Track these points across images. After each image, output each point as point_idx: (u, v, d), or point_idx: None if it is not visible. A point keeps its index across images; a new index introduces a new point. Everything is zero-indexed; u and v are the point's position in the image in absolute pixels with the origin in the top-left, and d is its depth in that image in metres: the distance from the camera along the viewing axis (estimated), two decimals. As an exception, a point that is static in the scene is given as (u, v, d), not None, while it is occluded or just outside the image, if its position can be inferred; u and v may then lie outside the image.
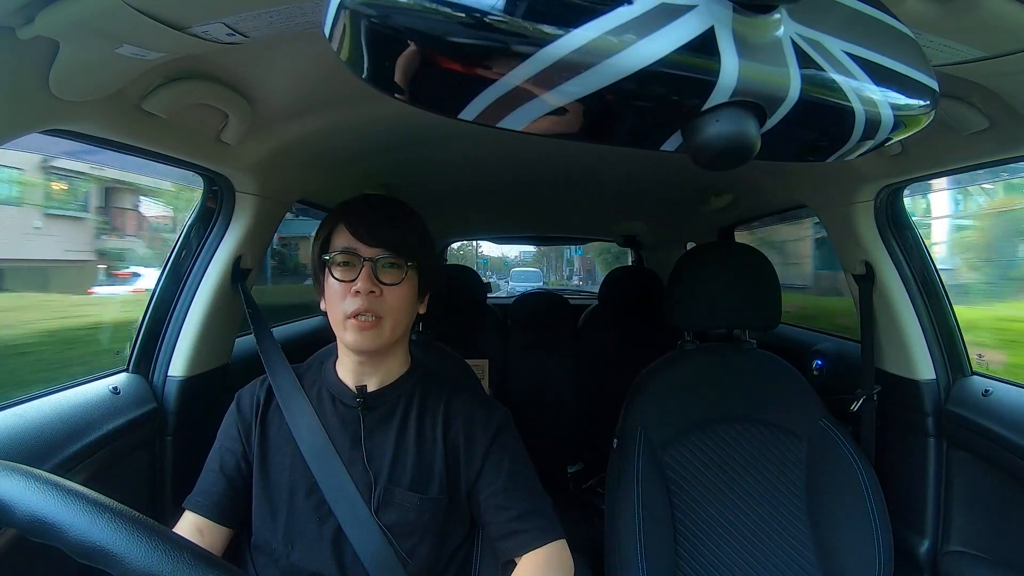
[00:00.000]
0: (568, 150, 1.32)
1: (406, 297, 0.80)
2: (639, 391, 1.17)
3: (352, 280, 0.77)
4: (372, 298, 0.77)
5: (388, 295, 0.78)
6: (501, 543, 0.81)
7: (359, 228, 0.78)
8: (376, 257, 0.78)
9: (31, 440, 0.78)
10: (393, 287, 0.78)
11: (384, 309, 0.78)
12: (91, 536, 0.38)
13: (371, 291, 0.76)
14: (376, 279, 0.77)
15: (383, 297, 0.78)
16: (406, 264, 0.79)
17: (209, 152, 0.95)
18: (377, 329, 0.78)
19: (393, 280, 0.78)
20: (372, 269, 0.77)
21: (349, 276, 0.78)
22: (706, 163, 0.38)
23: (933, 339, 1.13)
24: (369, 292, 0.76)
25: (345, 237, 0.79)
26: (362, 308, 0.76)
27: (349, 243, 0.78)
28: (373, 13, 0.31)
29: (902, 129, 0.42)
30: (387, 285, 0.78)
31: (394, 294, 0.78)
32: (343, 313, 0.77)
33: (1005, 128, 0.80)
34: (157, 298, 1.10)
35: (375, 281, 0.77)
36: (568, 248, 13.89)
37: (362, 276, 0.76)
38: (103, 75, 0.65)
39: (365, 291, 0.76)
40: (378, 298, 0.77)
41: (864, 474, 1.05)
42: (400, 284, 0.78)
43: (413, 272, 0.80)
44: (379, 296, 0.77)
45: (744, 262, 1.22)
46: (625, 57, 0.32)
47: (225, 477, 0.83)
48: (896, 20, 0.43)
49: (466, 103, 0.35)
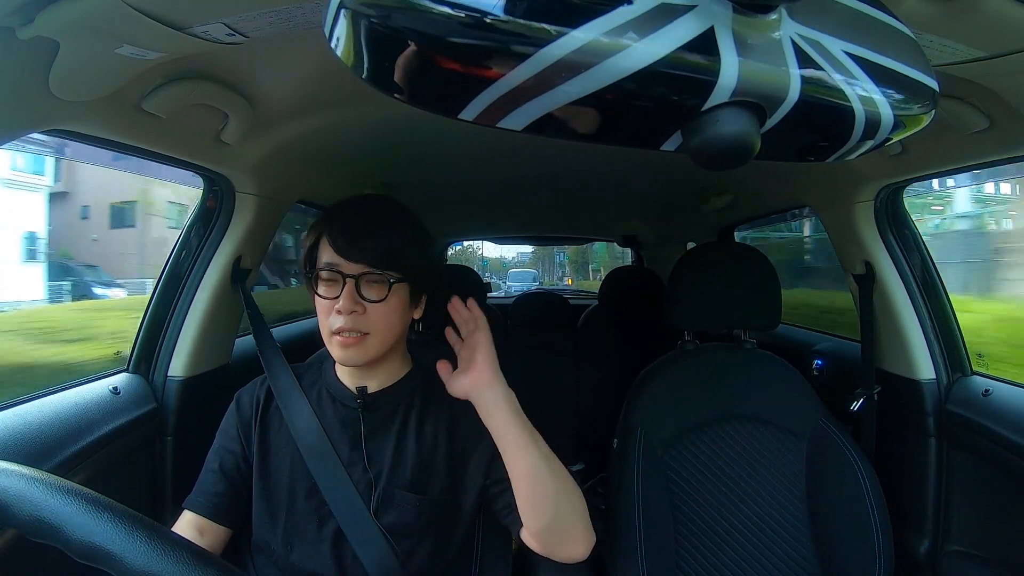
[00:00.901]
0: (568, 150, 1.32)
1: (393, 310, 0.78)
2: (639, 391, 1.17)
3: (335, 297, 0.75)
4: (355, 316, 0.75)
5: (372, 312, 0.76)
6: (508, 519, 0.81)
7: (340, 242, 0.75)
8: (359, 274, 0.75)
9: (31, 440, 0.78)
10: (378, 304, 0.76)
11: (369, 326, 0.76)
12: (92, 536, 0.38)
13: (353, 310, 0.74)
14: (360, 296, 0.75)
15: (367, 315, 0.75)
16: (391, 279, 0.76)
17: (209, 152, 0.95)
18: (362, 346, 0.76)
19: (377, 297, 0.76)
20: (355, 286, 0.75)
21: (332, 293, 0.76)
22: (706, 163, 0.38)
23: (933, 339, 1.13)
24: (351, 311, 0.74)
25: (328, 252, 0.76)
26: (345, 327, 0.74)
27: (332, 259, 0.76)
28: (373, 13, 0.31)
29: (902, 129, 0.42)
30: (371, 302, 0.76)
31: (379, 311, 0.76)
32: (328, 329, 0.77)
33: (1005, 128, 0.80)
34: (157, 298, 1.10)
35: (358, 299, 0.75)
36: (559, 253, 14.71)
37: (344, 294, 0.74)
38: (103, 75, 0.65)
39: (347, 311, 0.74)
40: (362, 316, 0.75)
41: (864, 474, 1.05)
42: (386, 299, 0.76)
43: (400, 284, 0.78)
44: (363, 314, 0.75)
45: (744, 262, 1.22)
46: (625, 57, 0.32)
47: (225, 477, 0.83)
48: (896, 20, 0.43)
49: (466, 103, 0.35)
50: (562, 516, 0.76)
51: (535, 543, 0.78)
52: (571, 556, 0.77)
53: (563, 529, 0.76)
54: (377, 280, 0.76)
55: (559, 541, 0.77)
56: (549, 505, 0.75)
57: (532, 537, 0.78)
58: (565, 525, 0.76)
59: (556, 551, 0.77)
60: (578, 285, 12.28)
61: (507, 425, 0.75)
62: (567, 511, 0.76)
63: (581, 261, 16.16)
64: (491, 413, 0.76)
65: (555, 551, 0.78)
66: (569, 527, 0.77)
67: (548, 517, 0.75)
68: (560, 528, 0.76)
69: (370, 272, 0.76)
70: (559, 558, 0.78)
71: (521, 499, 0.76)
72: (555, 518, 0.76)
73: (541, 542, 0.77)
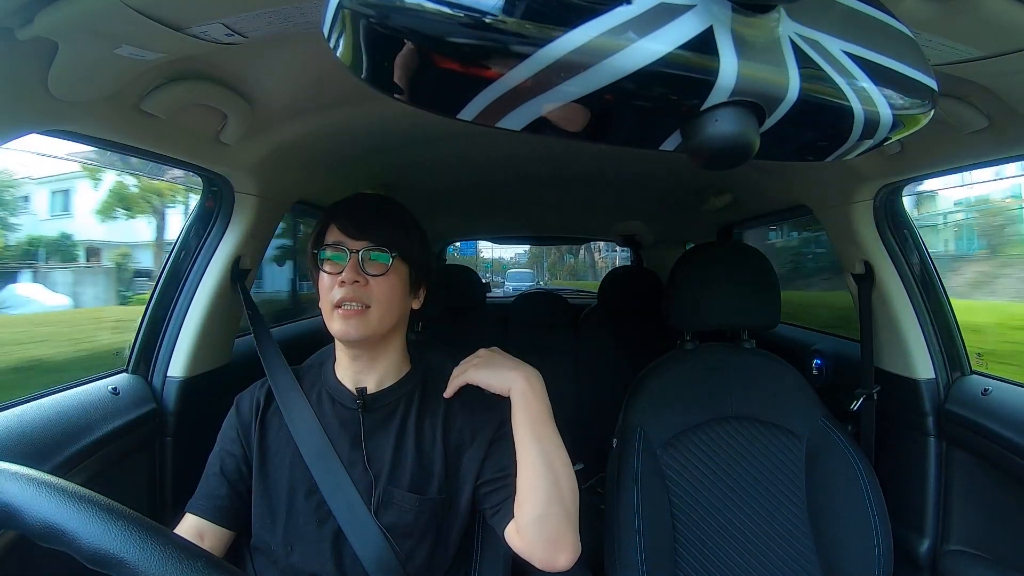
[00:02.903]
0: (568, 150, 1.32)
1: (394, 287, 0.81)
2: (638, 391, 1.17)
3: (339, 273, 0.79)
4: (358, 287, 0.78)
5: (375, 285, 0.80)
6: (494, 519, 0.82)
7: (346, 224, 0.81)
8: (362, 249, 0.80)
9: (31, 441, 0.78)
10: (379, 277, 0.80)
11: (371, 298, 0.79)
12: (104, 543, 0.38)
13: (356, 280, 0.78)
14: (362, 270, 0.79)
15: (369, 287, 0.79)
16: (392, 254, 0.80)
17: (208, 152, 0.95)
18: (363, 317, 0.79)
19: (379, 271, 0.80)
20: (358, 260, 0.79)
21: (337, 268, 0.80)
22: (705, 163, 0.38)
23: (932, 338, 1.13)
24: (354, 281, 0.78)
25: (334, 233, 0.81)
26: (348, 296, 0.78)
27: (337, 238, 0.81)
28: (372, 13, 0.31)
29: (901, 128, 0.42)
30: (373, 276, 0.80)
31: (380, 284, 0.80)
32: (331, 303, 0.79)
33: (1004, 127, 0.80)
34: (156, 298, 1.10)
35: (360, 271, 0.79)
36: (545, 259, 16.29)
37: (348, 266, 0.79)
38: (102, 76, 0.65)
39: (350, 280, 0.78)
40: (364, 287, 0.79)
41: (864, 474, 1.05)
42: (386, 274, 0.80)
43: (400, 263, 0.82)
44: (365, 286, 0.79)
45: (743, 262, 1.22)
46: (624, 57, 0.32)
47: (227, 480, 0.83)
48: (895, 20, 0.43)
49: (465, 103, 0.35)
50: (555, 514, 0.75)
51: (520, 541, 0.77)
52: (554, 562, 0.75)
53: (552, 528, 0.75)
54: (379, 255, 0.80)
55: (545, 540, 0.75)
56: (548, 493, 0.75)
57: (519, 532, 0.77)
58: (556, 524, 0.75)
59: (539, 553, 0.76)
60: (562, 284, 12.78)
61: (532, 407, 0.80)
62: (560, 511, 0.76)
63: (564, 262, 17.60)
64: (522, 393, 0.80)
65: (538, 552, 0.76)
66: (559, 529, 0.75)
67: (542, 507, 0.75)
68: (550, 527, 0.75)
69: (372, 248, 0.80)
70: (540, 562, 0.76)
71: (523, 481, 0.77)
72: (547, 513, 0.75)
73: (527, 539, 0.76)
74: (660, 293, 1.35)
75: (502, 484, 0.81)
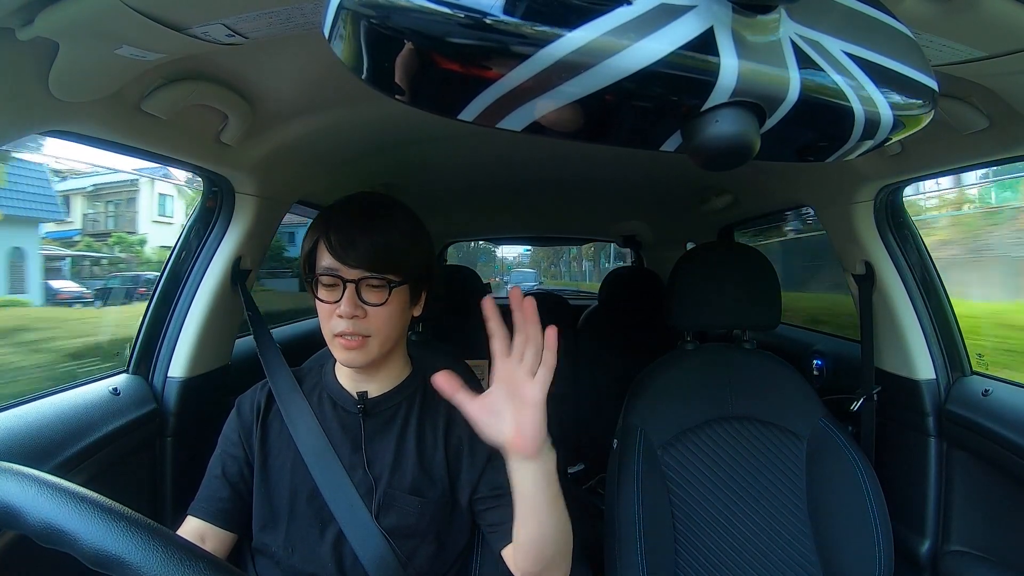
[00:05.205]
0: (568, 150, 1.32)
1: (393, 313, 0.78)
2: (639, 391, 1.17)
3: (336, 302, 0.76)
4: (357, 320, 0.75)
5: (373, 315, 0.76)
6: (491, 537, 0.81)
7: (338, 247, 0.75)
8: (358, 279, 0.75)
9: (31, 441, 0.78)
10: (379, 307, 0.76)
11: (370, 329, 0.76)
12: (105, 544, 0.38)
13: (354, 315, 0.75)
14: (360, 300, 0.76)
15: (368, 318, 0.76)
16: (391, 284, 0.76)
17: (209, 153, 0.95)
18: (364, 348, 0.77)
19: (378, 300, 0.76)
20: (355, 290, 0.75)
21: (333, 297, 0.76)
22: (705, 163, 0.38)
23: (933, 339, 1.13)
24: (352, 316, 0.75)
25: (327, 257, 0.76)
26: (347, 330, 0.75)
27: (331, 264, 0.76)
28: (373, 14, 0.31)
29: (901, 129, 0.42)
30: (372, 306, 0.76)
31: (379, 313, 0.76)
32: (330, 332, 0.77)
33: (1005, 128, 0.80)
34: (157, 299, 1.10)
35: (358, 303, 0.75)
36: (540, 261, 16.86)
37: (345, 299, 0.75)
38: (103, 76, 0.65)
39: (348, 315, 0.75)
40: (363, 319, 0.76)
41: (864, 474, 1.05)
42: (386, 304, 0.76)
43: (400, 287, 0.78)
44: (364, 318, 0.76)
45: (744, 262, 1.22)
46: (624, 57, 0.32)
47: (228, 483, 0.82)
48: (896, 20, 0.43)
49: (466, 104, 0.35)
50: (552, 562, 0.75)
51: (517, 571, 0.77)
52: None
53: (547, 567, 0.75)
54: (377, 284, 0.76)
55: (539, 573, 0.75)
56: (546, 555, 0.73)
57: (516, 566, 0.77)
58: (551, 565, 0.75)
59: None
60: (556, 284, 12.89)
61: (536, 495, 0.69)
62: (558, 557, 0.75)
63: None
64: (523, 479, 0.68)
65: None
66: (553, 566, 0.75)
67: (541, 565, 0.74)
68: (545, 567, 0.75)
69: (370, 276, 0.76)
70: None
71: (521, 542, 0.74)
72: (547, 566, 0.75)
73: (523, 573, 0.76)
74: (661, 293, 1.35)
75: (497, 504, 0.80)
